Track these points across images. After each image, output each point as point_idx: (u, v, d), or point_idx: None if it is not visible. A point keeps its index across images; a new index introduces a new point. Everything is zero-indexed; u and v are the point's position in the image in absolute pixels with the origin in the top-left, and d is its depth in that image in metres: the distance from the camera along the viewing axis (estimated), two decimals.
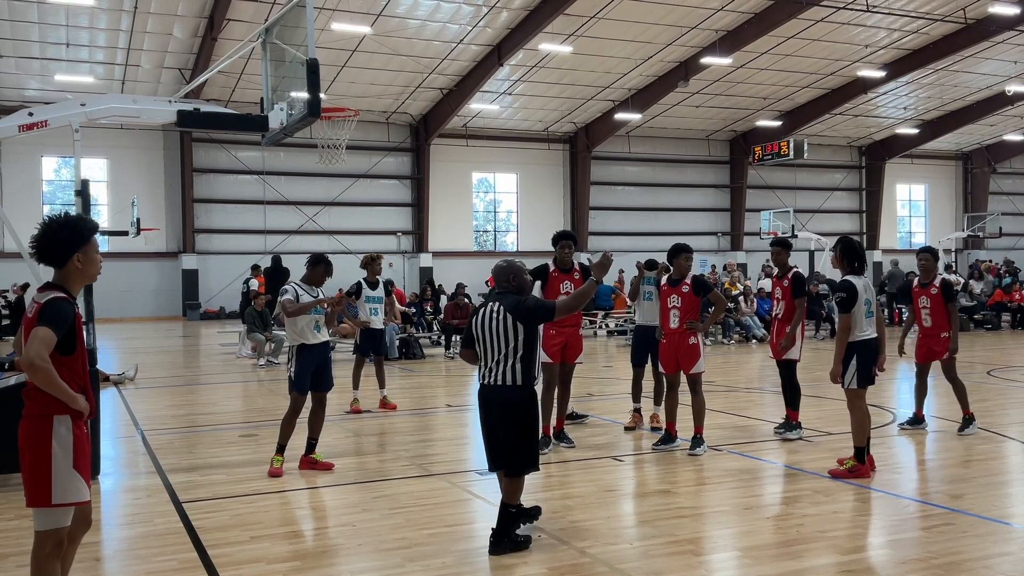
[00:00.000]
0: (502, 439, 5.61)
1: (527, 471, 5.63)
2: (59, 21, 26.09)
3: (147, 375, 15.53)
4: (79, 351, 4.02)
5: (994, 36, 30.26)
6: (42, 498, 3.90)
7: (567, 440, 8.65)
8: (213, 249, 34.58)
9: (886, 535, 5.96)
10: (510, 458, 5.60)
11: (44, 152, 31.97)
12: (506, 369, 5.53)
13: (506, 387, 5.55)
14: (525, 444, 5.58)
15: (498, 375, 5.57)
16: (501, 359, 5.55)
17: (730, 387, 12.98)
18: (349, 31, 26.53)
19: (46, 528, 3.95)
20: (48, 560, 3.97)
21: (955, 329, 9.17)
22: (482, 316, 5.68)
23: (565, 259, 8.65)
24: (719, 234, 42.35)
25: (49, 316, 3.89)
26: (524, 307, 5.53)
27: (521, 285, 5.73)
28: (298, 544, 5.94)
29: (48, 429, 3.89)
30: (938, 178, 47.67)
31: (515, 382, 5.53)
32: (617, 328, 23.16)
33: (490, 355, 5.61)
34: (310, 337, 7.82)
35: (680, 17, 28.21)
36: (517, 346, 5.51)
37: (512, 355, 5.52)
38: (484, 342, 5.63)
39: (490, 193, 40.23)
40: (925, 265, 9.25)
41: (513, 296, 5.64)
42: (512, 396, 5.55)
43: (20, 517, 6.45)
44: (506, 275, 5.74)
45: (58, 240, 3.99)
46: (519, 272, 5.75)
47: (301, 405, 7.79)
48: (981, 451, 8.46)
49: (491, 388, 5.61)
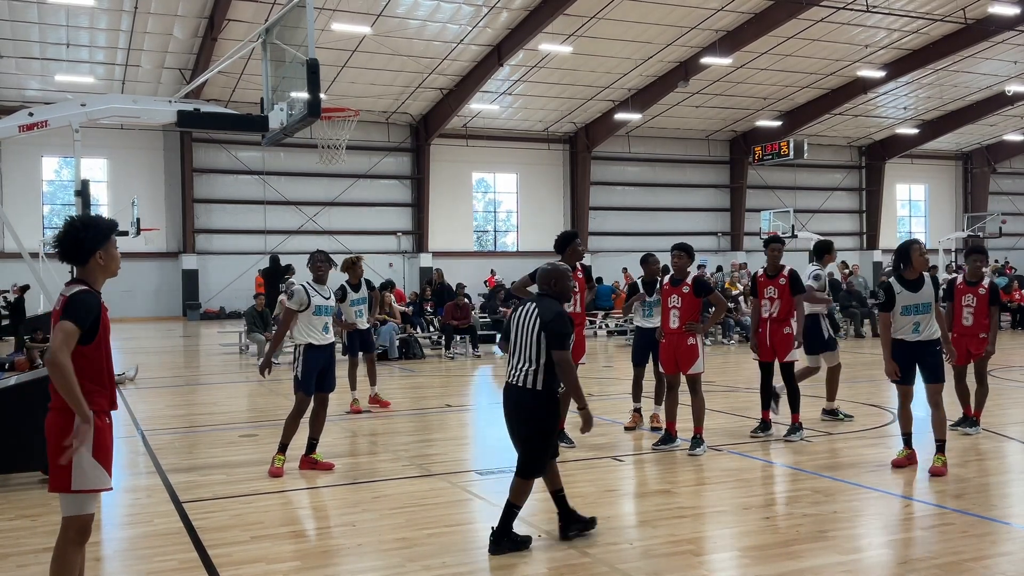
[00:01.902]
0: (516, 439, 5.66)
1: (534, 476, 5.63)
2: (59, 21, 26.10)
3: (147, 375, 15.53)
4: (100, 339, 4.13)
5: (994, 36, 30.28)
6: (63, 484, 4.06)
7: (567, 440, 8.63)
8: (213, 249, 34.59)
9: (886, 535, 5.96)
10: (520, 459, 5.64)
11: (44, 152, 31.99)
12: (528, 372, 5.54)
13: (525, 389, 5.55)
14: (535, 449, 5.59)
15: (519, 376, 5.58)
16: (525, 361, 5.56)
17: (730, 387, 12.98)
18: (349, 31, 26.53)
19: (68, 514, 4.12)
20: (70, 545, 4.13)
21: (995, 331, 9.24)
22: (519, 315, 5.70)
23: (576, 256, 8.54)
24: (719, 234, 42.36)
25: (73, 309, 4.03)
26: (551, 328, 5.48)
27: (562, 291, 5.71)
28: (298, 544, 5.94)
29: (71, 421, 4.02)
30: (938, 178, 47.69)
31: (535, 386, 5.53)
32: (617, 328, 23.15)
33: (516, 355, 5.63)
34: (319, 337, 7.79)
35: (680, 17, 28.22)
36: (540, 354, 5.51)
37: (535, 361, 5.52)
38: (514, 341, 5.66)
39: (490, 193, 40.24)
40: (978, 267, 9.31)
41: (552, 304, 5.60)
42: (529, 400, 5.55)
43: (20, 517, 6.46)
44: (548, 279, 5.72)
45: (80, 239, 4.16)
46: (562, 277, 5.72)
47: (306, 406, 7.78)
48: (981, 451, 8.46)
49: (512, 387, 5.63)
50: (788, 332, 8.95)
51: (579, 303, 8.52)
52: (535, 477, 5.64)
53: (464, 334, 18.65)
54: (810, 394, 10.40)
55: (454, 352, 18.36)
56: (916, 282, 7.48)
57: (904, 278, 7.52)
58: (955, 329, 9.34)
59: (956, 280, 9.61)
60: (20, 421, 7.28)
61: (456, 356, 18.22)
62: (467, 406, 12.34)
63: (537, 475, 5.64)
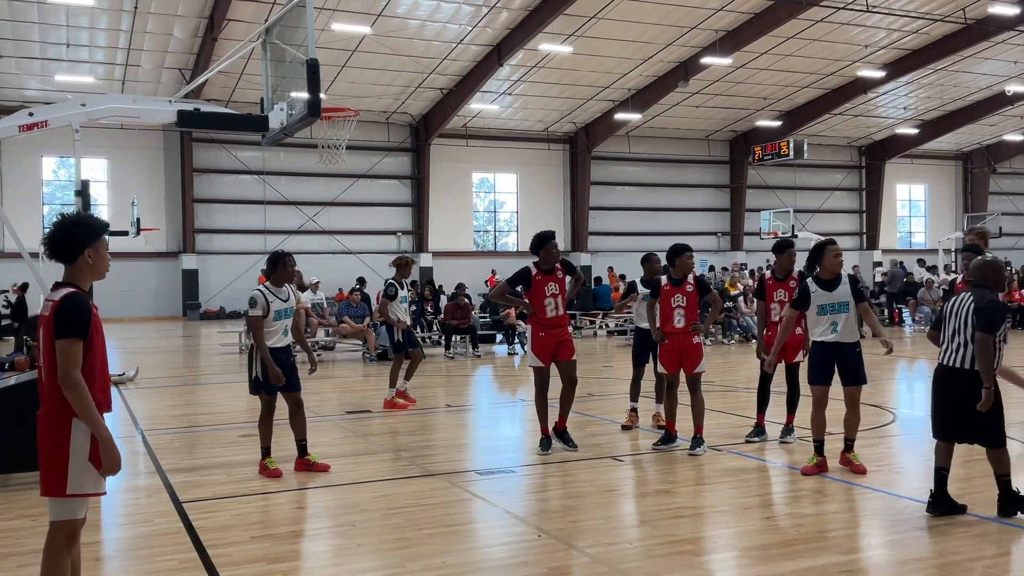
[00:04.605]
0: (963, 417, 6.04)
1: (1004, 443, 6.11)
2: (59, 21, 26.11)
3: (147, 375, 15.53)
4: (91, 340, 4.05)
5: (994, 36, 30.28)
6: (57, 488, 4.00)
7: (571, 443, 8.51)
8: (213, 249, 34.60)
9: (886, 535, 5.96)
10: (981, 433, 6.07)
11: (44, 152, 31.99)
12: (964, 355, 6.02)
13: (960, 371, 6.03)
14: (993, 419, 6.01)
15: (954, 358, 6.08)
16: (960, 345, 6.05)
17: (730, 387, 12.98)
18: (349, 31, 26.54)
19: (59, 518, 4.06)
20: (59, 551, 4.07)
21: None
22: (951, 304, 6.25)
23: (552, 258, 8.48)
24: (719, 234, 42.37)
25: (67, 322, 3.95)
26: (983, 312, 5.95)
27: (997, 282, 6.23)
28: (298, 544, 5.94)
29: (67, 428, 4.00)
30: (938, 178, 47.69)
31: (972, 367, 5.97)
32: (617, 328, 23.15)
33: (951, 338, 6.15)
34: (279, 340, 7.67)
35: (680, 17, 28.22)
36: (970, 339, 5.99)
37: (966, 346, 6.02)
38: (949, 326, 6.19)
39: (490, 193, 40.24)
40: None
41: (985, 293, 6.08)
42: (963, 379, 6.02)
43: (20, 517, 6.46)
44: (984, 272, 6.22)
45: (69, 236, 4.11)
46: (997, 270, 6.27)
47: (272, 406, 7.75)
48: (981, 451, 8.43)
49: (947, 368, 6.15)
50: (799, 332, 8.93)
51: (561, 305, 8.46)
52: (1004, 444, 6.11)
53: (464, 334, 18.66)
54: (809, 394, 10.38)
55: (454, 352, 18.37)
56: (831, 282, 7.54)
57: (819, 278, 7.59)
58: None
59: (957, 280, 9.62)
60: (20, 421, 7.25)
61: (456, 356, 18.23)
62: (467, 406, 12.34)
63: (1001, 440, 6.08)
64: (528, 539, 5.85)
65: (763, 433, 8.91)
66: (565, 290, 8.55)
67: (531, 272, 8.48)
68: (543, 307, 8.45)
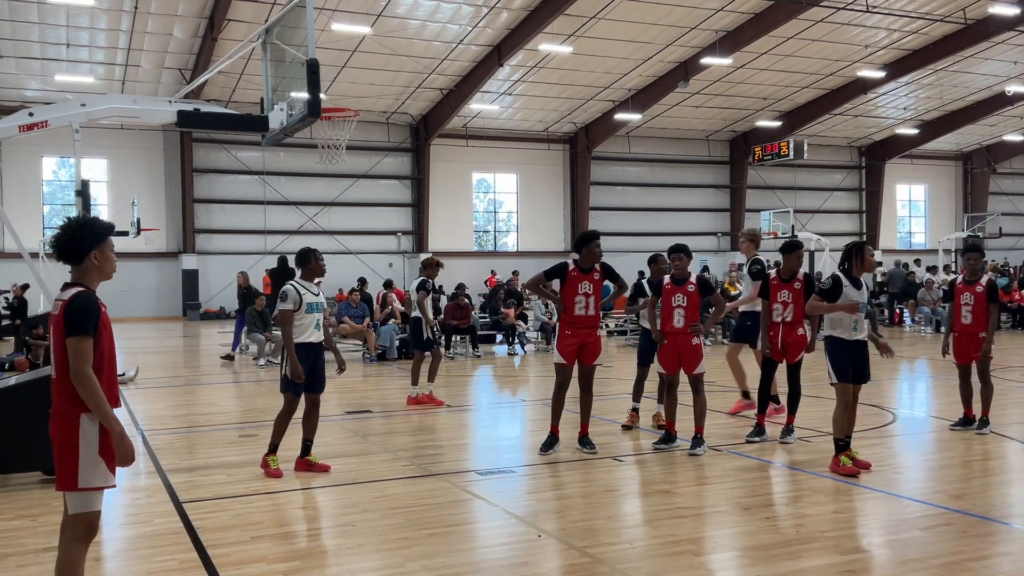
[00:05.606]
0: None
1: None
2: (59, 21, 26.09)
3: (147, 375, 15.54)
4: (99, 338, 4.18)
5: (994, 36, 30.28)
6: (70, 482, 4.15)
7: (590, 446, 8.48)
8: (213, 249, 34.58)
9: (886, 535, 5.96)
10: None
11: (44, 152, 31.97)
12: None
13: None
14: None
15: None
16: None
17: (730, 387, 12.98)
18: (349, 31, 26.53)
19: (76, 511, 4.20)
20: (77, 543, 4.22)
21: (992, 329, 9.24)
22: None
23: (592, 258, 8.48)
24: (719, 234, 42.35)
25: (76, 320, 4.10)
26: None
27: None
28: (298, 544, 5.94)
29: (76, 424, 4.14)
30: (938, 178, 47.68)
31: None
32: (617, 328, 23.15)
33: None
34: (311, 335, 7.73)
35: (680, 17, 28.22)
36: None
37: None
38: None
39: (490, 193, 40.23)
40: (973, 265, 9.34)
41: None
42: None
43: (20, 517, 6.46)
44: None
45: (76, 239, 4.24)
46: None
47: (295, 406, 7.76)
48: (981, 451, 8.47)
49: None
50: (802, 333, 8.97)
51: (592, 305, 8.46)
52: None
53: (464, 334, 18.65)
54: (810, 394, 10.40)
55: (454, 352, 18.36)
56: (858, 281, 7.60)
57: (851, 275, 7.61)
58: (956, 328, 9.38)
59: (956, 280, 9.64)
60: (20, 421, 7.27)
61: (456, 356, 18.22)
62: (467, 406, 12.34)
63: None
64: (528, 539, 5.86)
65: (763, 433, 8.93)
66: (600, 293, 8.53)
67: (568, 267, 8.49)
68: (573, 304, 8.44)
